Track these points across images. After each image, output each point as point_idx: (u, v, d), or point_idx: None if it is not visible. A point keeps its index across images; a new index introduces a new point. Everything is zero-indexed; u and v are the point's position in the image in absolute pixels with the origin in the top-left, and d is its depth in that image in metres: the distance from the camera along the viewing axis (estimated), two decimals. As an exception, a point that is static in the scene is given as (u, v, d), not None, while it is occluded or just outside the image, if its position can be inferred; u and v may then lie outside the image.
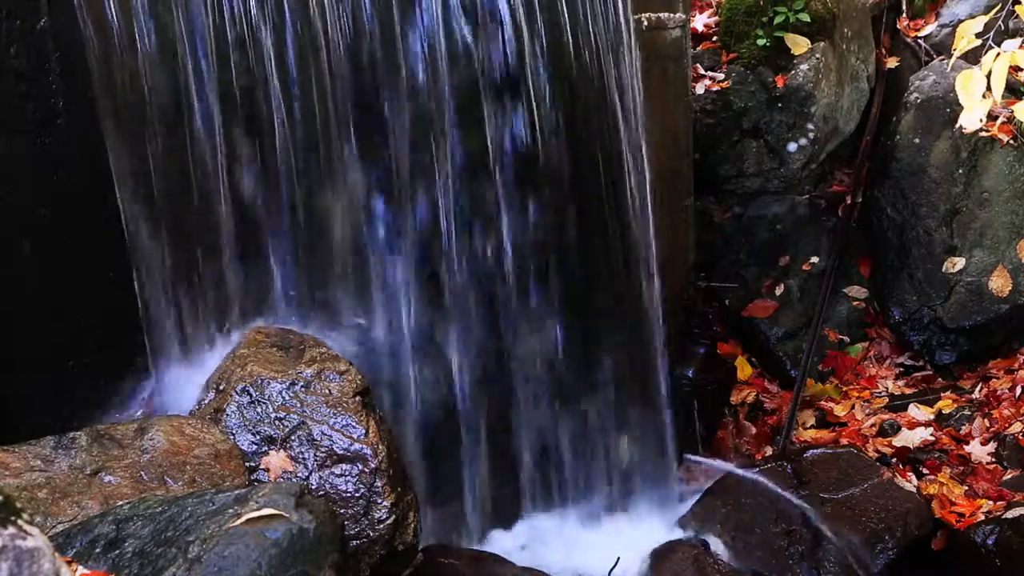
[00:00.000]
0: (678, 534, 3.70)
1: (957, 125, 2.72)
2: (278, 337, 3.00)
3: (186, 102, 2.91)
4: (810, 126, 4.79)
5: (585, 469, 3.85)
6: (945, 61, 4.83)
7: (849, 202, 4.98)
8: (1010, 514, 3.56)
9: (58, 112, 2.73)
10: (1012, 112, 2.80)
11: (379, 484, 2.68)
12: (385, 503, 2.68)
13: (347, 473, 2.69)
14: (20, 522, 1.32)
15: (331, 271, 3.26)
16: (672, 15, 4.09)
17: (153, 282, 2.95)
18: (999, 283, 4.57)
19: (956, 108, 3.26)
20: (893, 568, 3.59)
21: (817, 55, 4.76)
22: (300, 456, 2.70)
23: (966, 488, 3.98)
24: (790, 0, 4.73)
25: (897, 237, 4.81)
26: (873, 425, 4.39)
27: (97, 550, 2.08)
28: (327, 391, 2.79)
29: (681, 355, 4.28)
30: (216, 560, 1.90)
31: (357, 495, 2.67)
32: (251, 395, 2.78)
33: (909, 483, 3.98)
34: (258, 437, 2.73)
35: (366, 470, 2.69)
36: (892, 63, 5.19)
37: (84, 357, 2.87)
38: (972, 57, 2.88)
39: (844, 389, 4.66)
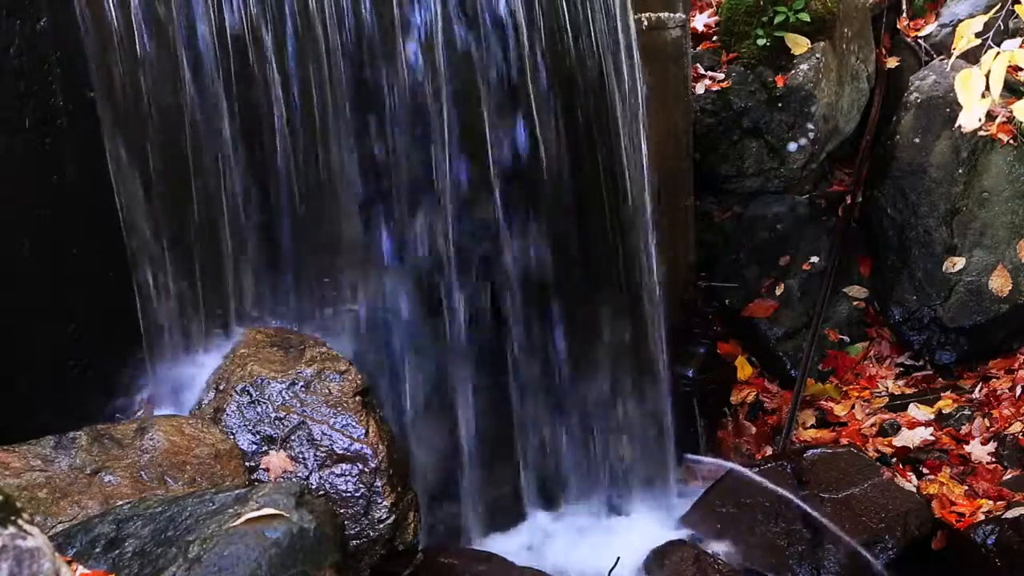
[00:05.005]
0: (678, 534, 3.70)
1: (956, 124, 2.72)
2: (278, 337, 3.00)
3: (186, 101, 2.91)
4: (810, 126, 4.79)
5: (585, 469, 3.85)
6: (945, 61, 4.84)
7: (849, 202, 4.99)
8: (1010, 514, 3.56)
9: (58, 112, 2.73)
10: (1011, 112, 2.80)
11: (379, 484, 2.68)
12: (385, 503, 2.68)
13: (347, 473, 2.69)
14: (20, 522, 1.32)
15: (331, 271, 3.26)
16: (672, 15, 4.10)
17: (153, 282, 2.95)
18: (999, 283, 4.57)
19: (956, 108, 3.26)
20: (893, 568, 3.59)
21: (817, 55, 4.76)
22: (300, 456, 2.70)
23: (966, 488, 3.98)
24: (790, 0, 4.73)
25: (897, 237, 4.81)
26: (873, 425, 4.40)
27: (97, 550, 2.08)
28: (327, 391, 2.79)
29: (681, 355, 4.28)
30: (216, 560, 1.90)
31: (357, 495, 2.67)
32: (251, 395, 2.78)
33: (909, 483, 3.98)
34: (258, 437, 2.73)
35: (366, 470, 2.69)
36: (892, 63, 5.19)
37: (84, 357, 2.87)
38: (972, 57, 2.88)
39: (844, 389, 4.67)
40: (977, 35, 2.65)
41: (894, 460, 4.20)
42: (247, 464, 2.67)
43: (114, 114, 2.82)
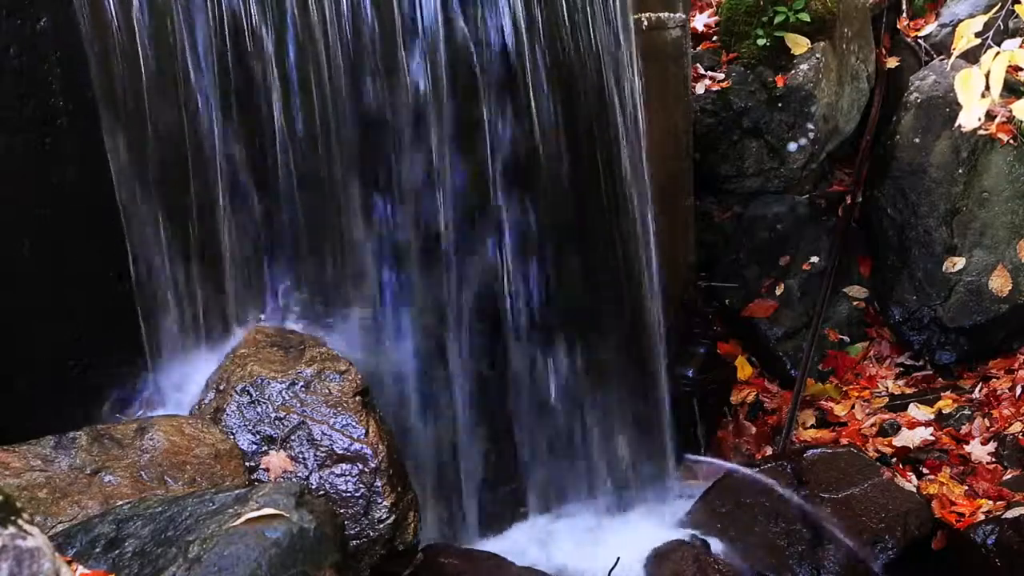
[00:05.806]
0: (678, 534, 3.70)
1: (956, 124, 2.72)
2: (278, 337, 3.00)
3: (186, 101, 2.91)
4: (810, 126, 4.79)
5: (585, 469, 3.85)
6: (945, 61, 4.84)
7: (849, 202, 4.99)
8: (1010, 514, 3.56)
9: (58, 112, 2.73)
10: (1011, 111, 2.80)
11: (379, 484, 2.68)
12: (385, 503, 2.68)
13: (347, 473, 2.69)
14: (20, 522, 1.33)
15: (331, 271, 3.26)
16: (672, 15, 4.10)
17: (153, 282, 2.95)
18: (999, 283, 4.57)
19: (956, 108, 3.26)
20: (893, 568, 3.59)
21: (817, 55, 4.76)
22: (300, 456, 2.70)
23: (966, 488, 3.98)
24: (790, 0, 4.73)
25: (897, 237, 4.81)
26: (873, 425, 4.40)
27: (97, 550, 2.08)
28: (327, 391, 2.79)
29: (681, 355, 4.28)
30: (216, 560, 1.90)
31: (357, 495, 2.67)
32: (251, 395, 2.78)
33: (909, 483, 3.98)
34: (258, 437, 2.73)
35: (366, 470, 2.69)
36: (892, 63, 5.19)
37: (84, 357, 2.87)
38: (972, 57, 2.87)
39: (844, 389, 4.67)
40: (977, 35, 2.65)
41: (894, 460, 4.20)
42: (247, 464, 2.67)
43: (114, 114, 2.82)
